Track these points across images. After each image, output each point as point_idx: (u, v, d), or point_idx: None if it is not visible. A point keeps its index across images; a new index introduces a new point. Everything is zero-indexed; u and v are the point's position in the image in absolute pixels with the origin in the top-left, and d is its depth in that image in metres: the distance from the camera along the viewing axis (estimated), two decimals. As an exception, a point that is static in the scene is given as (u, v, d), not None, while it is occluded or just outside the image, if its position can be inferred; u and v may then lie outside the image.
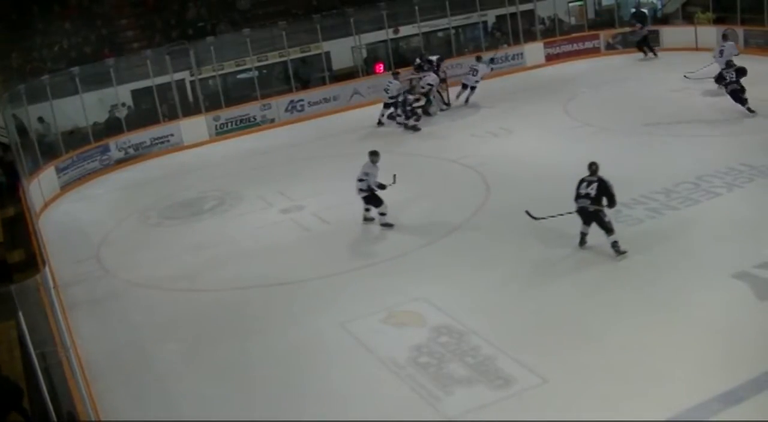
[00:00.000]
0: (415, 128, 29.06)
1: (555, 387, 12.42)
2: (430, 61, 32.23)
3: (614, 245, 16.65)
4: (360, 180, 19.91)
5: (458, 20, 38.05)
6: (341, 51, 36.27)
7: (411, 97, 29.84)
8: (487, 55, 34.59)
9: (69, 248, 21.64)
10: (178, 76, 32.61)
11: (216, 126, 32.13)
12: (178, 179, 27.09)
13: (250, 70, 34.08)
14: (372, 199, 19.96)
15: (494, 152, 24.85)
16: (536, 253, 17.43)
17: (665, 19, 39.16)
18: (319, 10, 37.09)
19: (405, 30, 37.12)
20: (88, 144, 29.55)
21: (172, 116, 32.08)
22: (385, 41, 36.12)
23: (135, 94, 32.69)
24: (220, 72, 33.53)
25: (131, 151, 30.36)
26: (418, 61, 32.55)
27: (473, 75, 31.96)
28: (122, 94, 31.43)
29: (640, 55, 35.91)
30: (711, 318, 13.78)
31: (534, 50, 37.44)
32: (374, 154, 20.17)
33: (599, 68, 35.24)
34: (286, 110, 33.32)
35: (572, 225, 18.21)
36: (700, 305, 14.27)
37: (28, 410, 12.77)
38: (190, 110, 32.78)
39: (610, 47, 38.38)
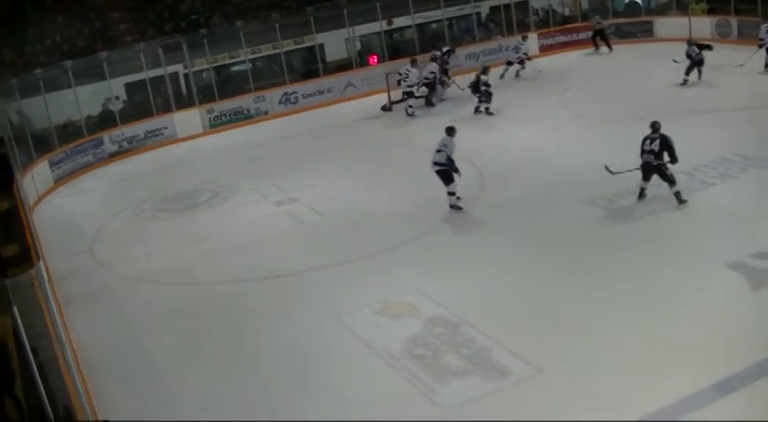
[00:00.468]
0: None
1: (550, 378, 12.42)
2: (448, 52, 32.99)
3: (677, 195, 18.16)
4: (438, 151, 19.64)
5: (452, 11, 38.10)
6: (335, 43, 36.20)
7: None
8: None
9: (63, 242, 21.60)
10: (171, 68, 32.51)
11: (210, 119, 32.11)
12: (172, 172, 27.05)
13: (243, 62, 34.02)
14: (445, 174, 19.65)
15: (489, 144, 24.83)
16: (531, 245, 17.43)
17: (660, 10, 39.17)
18: (313, 2, 37.03)
19: (398, 22, 37.10)
20: (82, 137, 29.51)
21: (166, 109, 32.03)
22: (378, 33, 36.13)
23: (128, 87, 32.58)
24: (214, 64, 33.51)
25: (125, 144, 30.33)
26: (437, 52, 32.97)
27: (516, 52, 33.60)
28: (116, 87, 31.37)
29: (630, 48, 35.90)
30: (705, 308, 13.80)
31: (528, 41, 37.34)
32: (451, 129, 19.95)
33: (593, 59, 35.22)
34: (280, 102, 33.31)
35: (565, 218, 18.31)
36: (694, 295, 14.28)
37: (21, 398, 12.72)
38: (184, 103, 32.75)
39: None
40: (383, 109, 31.08)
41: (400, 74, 30.21)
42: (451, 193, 19.73)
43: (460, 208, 19.72)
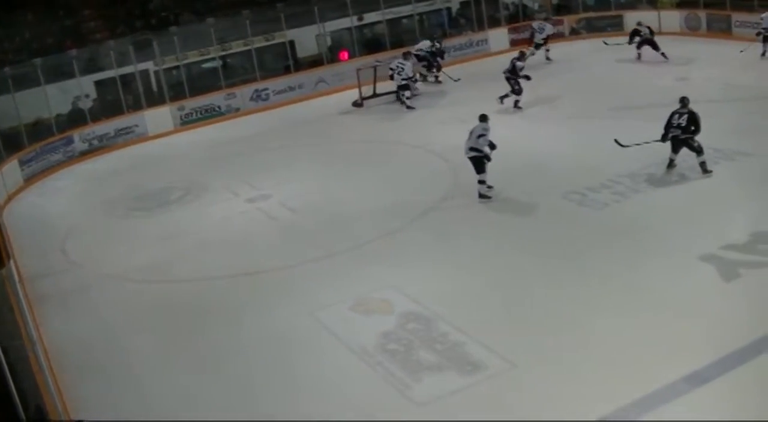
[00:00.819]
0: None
1: (524, 371, 12.47)
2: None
3: (702, 165, 19.20)
4: (480, 135, 19.57)
5: (422, 7, 38.06)
6: (306, 39, 36.12)
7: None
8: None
9: (34, 241, 21.48)
10: (141, 66, 32.37)
11: (181, 116, 32.01)
12: (144, 170, 26.94)
13: (214, 59, 33.92)
14: (479, 161, 19.66)
15: (461, 139, 24.82)
16: (503, 240, 17.51)
17: (629, 4, 39.31)
18: (283, -2, 37.01)
19: (369, 17, 37.02)
20: (52, 136, 29.28)
21: (137, 107, 31.87)
22: (349, 29, 36.09)
23: (98, 85, 32.35)
24: (184, 62, 33.31)
25: (95, 142, 30.15)
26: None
27: (540, 33, 34.47)
28: (86, 85, 31.15)
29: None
30: (677, 300, 13.88)
31: (498, 36, 37.52)
32: (485, 117, 20.01)
33: (564, 53, 35.30)
34: (251, 99, 33.24)
35: (539, 212, 18.38)
36: (666, 287, 14.37)
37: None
38: (155, 101, 32.56)
39: (575, 32, 38.53)
40: (355, 105, 31.07)
41: (392, 69, 30.23)
42: (482, 182, 19.75)
43: (489, 198, 19.72)
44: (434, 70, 33.06)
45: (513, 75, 27.54)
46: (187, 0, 37.93)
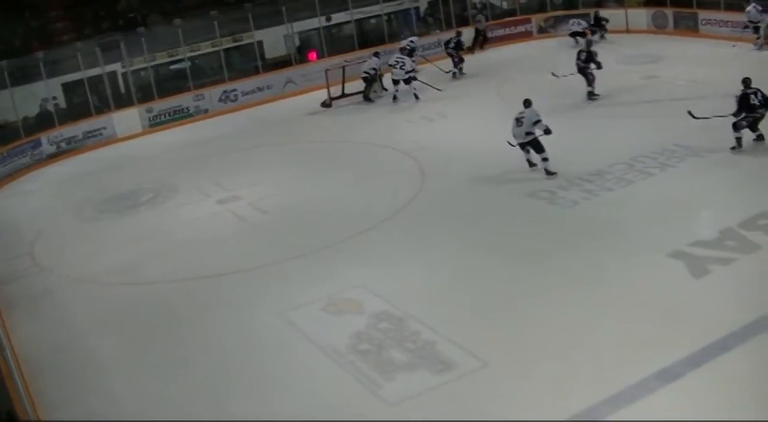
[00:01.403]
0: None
1: (496, 369, 12.50)
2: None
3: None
4: (537, 121, 20.16)
5: (390, 6, 38.14)
6: (274, 40, 36.07)
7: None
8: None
9: (2, 245, 21.29)
10: (109, 68, 32.18)
11: (149, 118, 31.85)
12: (113, 172, 26.79)
13: (182, 60, 33.80)
14: (538, 143, 20.24)
15: (429, 137, 24.94)
16: (472, 238, 17.53)
17: (596, 2, 39.47)
18: (251, -1, 36.95)
19: (337, 17, 37.01)
20: (19, 139, 29.06)
21: (105, 109, 31.69)
22: (317, 29, 36.05)
23: (66, 87, 32.15)
24: (152, 63, 33.14)
25: (63, 145, 29.94)
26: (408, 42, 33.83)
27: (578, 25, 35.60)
28: (53, 87, 30.93)
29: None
30: (647, 297, 13.95)
31: (466, 35, 37.44)
32: (529, 101, 20.71)
33: (532, 52, 35.42)
34: (220, 100, 33.13)
35: (507, 210, 18.45)
36: (636, 284, 14.47)
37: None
38: (123, 102, 32.36)
39: (543, 31, 38.69)
40: (323, 105, 31.06)
41: (392, 65, 30.43)
42: (546, 159, 20.26)
43: (556, 173, 20.03)
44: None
45: (587, 65, 27.44)
46: (155, 1, 37.77)
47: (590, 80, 26.88)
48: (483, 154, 22.43)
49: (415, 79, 30.19)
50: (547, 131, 20.06)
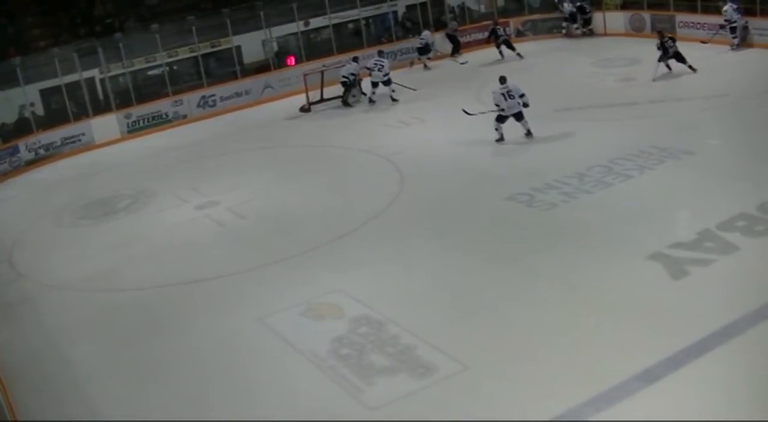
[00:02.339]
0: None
1: (476, 373, 12.49)
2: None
3: None
4: (522, 94, 23.00)
5: (368, 11, 38.12)
6: (252, 45, 35.99)
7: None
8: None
9: (-20, 252, 21.22)
10: (87, 74, 32.02)
11: (127, 123, 31.74)
12: (91, 178, 26.71)
13: (160, 66, 33.71)
14: (521, 113, 23.03)
15: (407, 141, 24.96)
16: (450, 241, 17.54)
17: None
18: (229, 3, 36.82)
19: (315, 22, 36.98)
20: (-3, 145, 28.98)
21: (83, 115, 31.56)
22: (295, 34, 36.03)
23: (43, 93, 32.01)
24: (130, 69, 33.03)
25: (42, 151, 29.79)
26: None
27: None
28: (30, 93, 30.80)
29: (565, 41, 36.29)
30: (627, 299, 13.97)
31: (445, 39, 37.57)
32: (505, 78, 23.65)
33: (510, 55, 35.44)
34: (198, 105, 33.07)
35: (485, 213, 18.48)
36: (615, 286, 14.47)
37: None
38: (101, 108, 32.24)
39: (521, 34, 38.76)
40: (302, 110, 31.03)
41: (369, 68, 30.86)
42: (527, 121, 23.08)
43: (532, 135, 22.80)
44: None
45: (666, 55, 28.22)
46: (132, 6, 37.66)
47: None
48: (461, 158, 22.48)
49: (390, 82, 30.31)
50: (527, 104, 22.90)
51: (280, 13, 35.66)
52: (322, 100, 31.54)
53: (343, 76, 30.67)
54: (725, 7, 30.67)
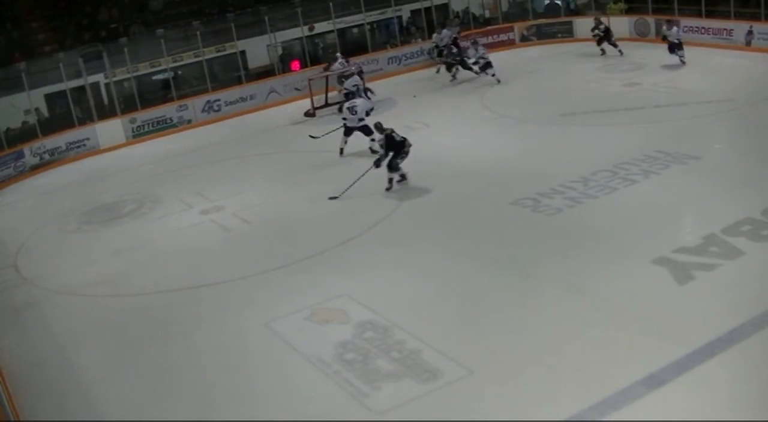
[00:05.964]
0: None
1: (481, 378, 12.49)
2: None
3: None
4: (371, 109, 24.72)
5: (373, 16, 38.15)
6: (257, 49, 36.06)
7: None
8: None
9: (-15, 258, 21.25)
10: (92, 78, 32.14)
11: (132, 128, 31.78)
12: (96, 183, 26.73)
13: (165, 70, 33.75)
14: (367, 128, 23.72)
15: (413, 146, 24.87)
16: (455, 246, 17.53)
17: (579, 11, 39.64)
18: (234, 8, 36.89)
19: (320, 27, 37.08)
20: (2, 150, 28.95)
21: (88, 120, 31.60)
22: (300, 38, 36.07)
23: (48, 98, 32.10)
24: (135, 73, 33.10)
25: (47, 156, 29.84)
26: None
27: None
28: (35, 98, 30.86)
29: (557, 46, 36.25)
30: (632, 304, 13.96)
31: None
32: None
33: (515, 60, 35.48)
34: (203, 110, 33.08)
35: (491, 218, 18.46)
36: (621, 291, 14.46)
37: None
38: (106, 113, 32.30)
39: (525, 39, 38.77)
40: (307, 115, 31.08)
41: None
42: (374, 140, 23.07)
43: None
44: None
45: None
46: (137, 11, 37.74)
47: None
48: (466, 163, 22.47)
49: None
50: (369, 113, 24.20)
51: (284, 18, 35.83)
52: (327, 104, 31.53)
53: (345, 88, 30.57)
54: (672, 29, 30.26)
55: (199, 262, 18.85)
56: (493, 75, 31.52)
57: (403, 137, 21.10)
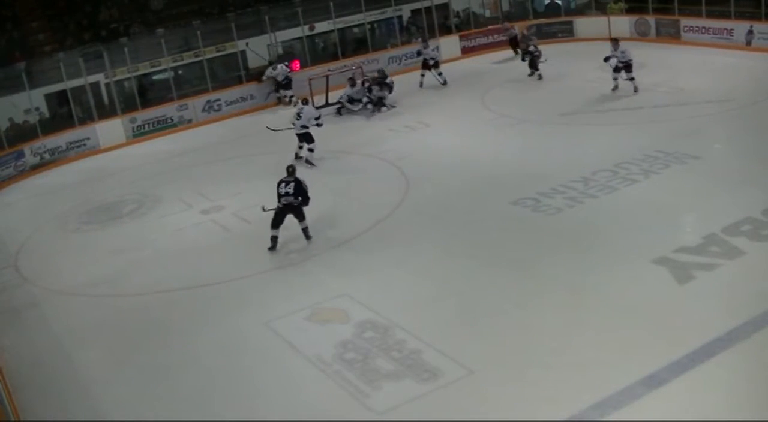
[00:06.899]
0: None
1: (481, 377, 12.51)
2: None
3: None
4: (317, 117, 24.96)
5: (373, 15, 38.12)
6: (257, 49, 36.00)
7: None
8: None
9: (-15, 258, 21.25)
10: (92, 78, 32.05)
11: (133, 128, 31.74)
12: (96, 183, 26.73)
13: (165, 70, 33.74)
14: (309, 136, 24.53)
15: (413, 146, 24.94)
16: (455, 246, 17.55)
17: (579, 10, 39.65)
18: (234, 8, 36.87)
19: (320, 26, 37.03)
20: (2, 150, 28.94)
21: (88, 119, 31.59)
22: (300, 38, 36.06)
23: (49, 97, 32.08)
24: (135, 73, 33.07)
25: (47, 156, 29.81)
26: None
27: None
28: (35, 98, 30.84)
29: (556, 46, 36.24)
30: (633, 303, 13.98)
31: (449, 43, 37.64)
32: (307, 100, 25.78)
33: (515, 60, 35.44)
34: (203, 110, 33.04)
35: (491, 218, 18.45)
36: (621, 290, 14.49)
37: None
38: (106, 113, 32.26)
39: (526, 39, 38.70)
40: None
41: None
42: (311, 150, 24.60)
43: (314, 165, 23.79)
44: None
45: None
46: (137, 11, 37.72)
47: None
48: (466, 163, 22.48)
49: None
50: (320, 125, 24.69)
51: (285, 18, 35.77)
52: (327, 104, 31.50)
53: (349, 96, 30.46)
54: (623, 48, 29.21)
55: (199, 262, 18.85)
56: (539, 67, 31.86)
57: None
